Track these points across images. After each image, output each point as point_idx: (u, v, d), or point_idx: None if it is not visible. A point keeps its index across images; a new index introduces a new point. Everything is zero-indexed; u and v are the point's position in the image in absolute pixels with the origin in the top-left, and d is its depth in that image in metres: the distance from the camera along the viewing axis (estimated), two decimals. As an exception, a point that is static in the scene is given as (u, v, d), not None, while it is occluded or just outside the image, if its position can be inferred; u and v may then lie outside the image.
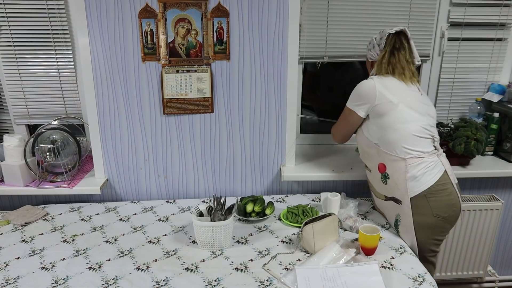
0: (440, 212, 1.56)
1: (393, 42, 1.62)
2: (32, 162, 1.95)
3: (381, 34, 1.66)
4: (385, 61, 1.62)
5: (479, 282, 2.39)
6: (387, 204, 1.71)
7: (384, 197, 1.70)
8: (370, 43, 1.72)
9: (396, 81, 1.61)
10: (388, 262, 1.47)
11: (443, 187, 1.56)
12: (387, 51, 1.62)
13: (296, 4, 1.82)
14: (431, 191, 1.54)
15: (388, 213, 1.73)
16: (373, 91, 1.58)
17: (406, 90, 1.60)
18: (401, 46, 1.61)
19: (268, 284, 1.36)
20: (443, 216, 1.57)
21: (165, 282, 1.38)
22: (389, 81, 1.61)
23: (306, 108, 2.30)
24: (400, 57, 1.61)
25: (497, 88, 2.18)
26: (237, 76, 1.91)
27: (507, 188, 2.23)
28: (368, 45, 1.74)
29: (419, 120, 1.57)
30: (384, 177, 1.64)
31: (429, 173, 1.54)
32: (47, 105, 2.05)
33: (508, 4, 2.07)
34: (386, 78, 1.62)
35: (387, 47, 1.63)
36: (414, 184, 1.55)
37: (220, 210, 1.58)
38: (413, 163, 1.54)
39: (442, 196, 1.56)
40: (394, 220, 1.68)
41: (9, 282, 1.39)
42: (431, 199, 1.55)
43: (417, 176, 1.54)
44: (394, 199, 1.64)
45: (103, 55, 1.84)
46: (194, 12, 1.81)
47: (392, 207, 1.67)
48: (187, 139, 2.00)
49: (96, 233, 1.72)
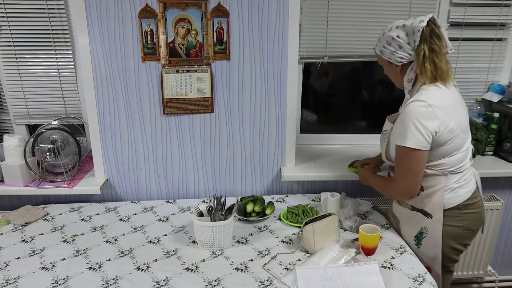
0: (470, 225, 1.51)
1: (428, 35, 1.35)
2: (32, 162, 1.95)
3: (406, 29, 1.38)
4: (428, 61, 1.36)
5: (479, 282, 2.39)
6: (412, 215, 1.54)
7: (411, 207, 1.54)
8: (389, 44, 1.42)
9: (445, 94, 1.39)
10: (388, 262, 1.47)
11: (475, 200, 1.51)
12: (425, 48, 1.35)
13: (296, 4, 1.82)
14: (465, 204, 1.48)
15: (411, 224, 1.57)
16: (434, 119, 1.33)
17: (457, 105, 1.42)
18: (436, 38, 1.36)
19: (268, 284, 1.36)
20: (472, 229, 1.52)
21: (165, 282, 1.38)
22: (440, 98, 1.37)
23: (306, 108, 2.30)
24: (439, 50, 1.37)
25: (497, 88, 2.18)
26: (237, 76, 1.91)
27: (507, 188, 2.23)
28: (385, 46, 1.44)
29: (468, 139, 1.46)
30: None
31: (465, 186, 1.48)
32: (47, 105, 2.05)
33: (508, 4, 2.07)
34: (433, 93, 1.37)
35: (423, 44, 1.35)
36: (451, 196, 1.46)
37: (220, 210, 1.58)
38: (453, 178, 1.46)
39: (474, 209, 1.51)
40: (418, 232, 1.54)
41: (9, 282, 1.39)
42: (464, 211, 1.49)
43: (455, 189, 1.46)
44: (422, 211, 1.50)
45: (103, 55, 1.84)
46: (194, 12, 1.81)
47: (418, 219, 1.53)
48: (187, 139, 2.00)
49: (96, 233, 1.72)
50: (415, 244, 1.58)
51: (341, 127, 2.38)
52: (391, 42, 1.42)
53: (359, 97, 2.40)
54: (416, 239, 1.57)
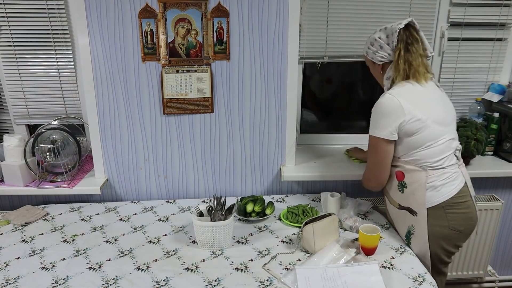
0: (457, 225, 1.50)
1: (404, 37, 1.49)
2: (32, 162, 1.95)
3: (387, 31, 1.53)
4: (402, 60, 1.49)
5: (479, 282, 2.39)
6: (400, 213, 1.61)
7: (398, 205, 1.60)
8: (372, 45, 1.57)
9: (416, 89, 1.49)
10: (388, 262, 1.47)
11: (462, 199, 1.50)
12: (401, 48, 1.48)
13: (296, 4, 1.82)
14: (450, 203, 1.48)
15: (400, 223, 1.63)
16: (399, 108, 1.44)
17: (429, 100, 1.50)
18: (413, 40, 1.49)
19: (268, 284, 1.36)
20: (459, 230, 1.51)
21: (165, 282, 1.38)
22: (410, 91, 1.48)
23: (306, 108, 2.30)
24: (415, 52, 1.48)
25: (497, 88, 2.18)
26: (237, 76, 1.91)
27: (507, 188, 2.23)
28: (369, 47, 1.59)
29: (447, 133, 1.49)
30: (401, 185, 1.56)
31: (449, 184, 1.48)
32: (47, 105, 2.05)
33: (508, 4, 2.07)
34: (404, 87, 1.49)
35: (399, 44, 1.49)
36: (433, 194, 1.48)
37: (220, 210, 1.58)
38: (434, 174, 1.48)
39: (461, 209, 1.50)
40: (406, 231, 1.59)
41: (9, 282, 1.39)
42: (449, 211, 1.49)
43: (437, 186, 1.48)
44: (409, 209, 1.55)
45: (103, 55, 1.85)
46: (194, 12, 1.81)
47: (406, 217, 1.58)
48: (187, 139, 2.00)
49: (96, 233, 1.72)
50: (406, 241, 1.61)
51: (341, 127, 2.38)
52: (374, 43, 1.57)
53: (359, 97, 2.41)
54: (406, 237, 1.61)
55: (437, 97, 1.54)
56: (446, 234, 1.52)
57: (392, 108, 1.45)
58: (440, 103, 1.54)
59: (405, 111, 1.44)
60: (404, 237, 1.62)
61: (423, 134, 1.46)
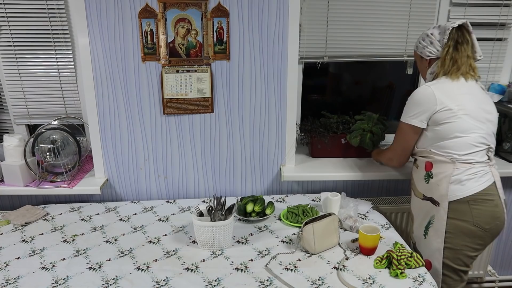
0: (482, 222, 1.49)
1: (456, 36, 1.54)
2: (32, 162, 1.95)
3: (440, 28, 1.58)
4: (449, 57, 1.54)
5: (479, 282, 2.39)
6: (423, 204, 1.62)
7: (423, 196, 1.62)
8: (424, 40, 1.62)
9: (454, 84, 1.54)
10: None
11: (489, 197, 1.50)
12: (451, 45, 1.54)
13: (296, 4, 1.82)
14: (475, 198, 1.48)
15: (422, 214, 1.64)
16: (432, 97, 1.51)
17: (465, 94, 1.53)
18: (464, 40, 1.54)
19: (268, 284, 1.36)
20: (485, 228, 1.50)
21: (165, 282, 1.38)
22: (447, 85, 1.54)
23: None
24: (463, 51, 1.54)
25: (497, 88, 2.18)
26: (237, 76, 1.91)
27: (507, 188, 2.23)
28: (420, 42, 1.64)
29: (479, 129, 1.51)
30: (427, 176, 1.58)
31: (476, 180, 1.49)
32: (47, 105, 2.05)
33: (508, 4, 2.07)
34: (443, 82, 1.55)
35: (450, 41, 1.54)
36: (458, 187, 1.49)
37: (220, 210, 1.58)
38: (461, 167, 1.49)
39: (487, 207, 1.49)
40: (427, 221, 1.60)
41: (9, 282, 1.39)
42: (474, 206, 1.49)
43: (463, 181, 1.49)
44: (432, 199, 1.57)
45: (103, 55, 1.84)
46: (194, 12, 1.81)
47: (428, 208, 1.60)
48: (187, 139, 2.00)
49: (96, 233, 1.72)
50: (423, 234, 1.62)
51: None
52: (425, 38, 1.62)
53: (360, 97, 2.40)
54: (425, 229, 1.63)
55: (475, 93, 1.56)
56: (470, 230, 1.51)
57: (426, 97, 1.53)
58: (477, 100, 1.55)
59: (437, 101, 1.51)
60: (423, 228, 1.63)
61: (453, 124, 1.50)
